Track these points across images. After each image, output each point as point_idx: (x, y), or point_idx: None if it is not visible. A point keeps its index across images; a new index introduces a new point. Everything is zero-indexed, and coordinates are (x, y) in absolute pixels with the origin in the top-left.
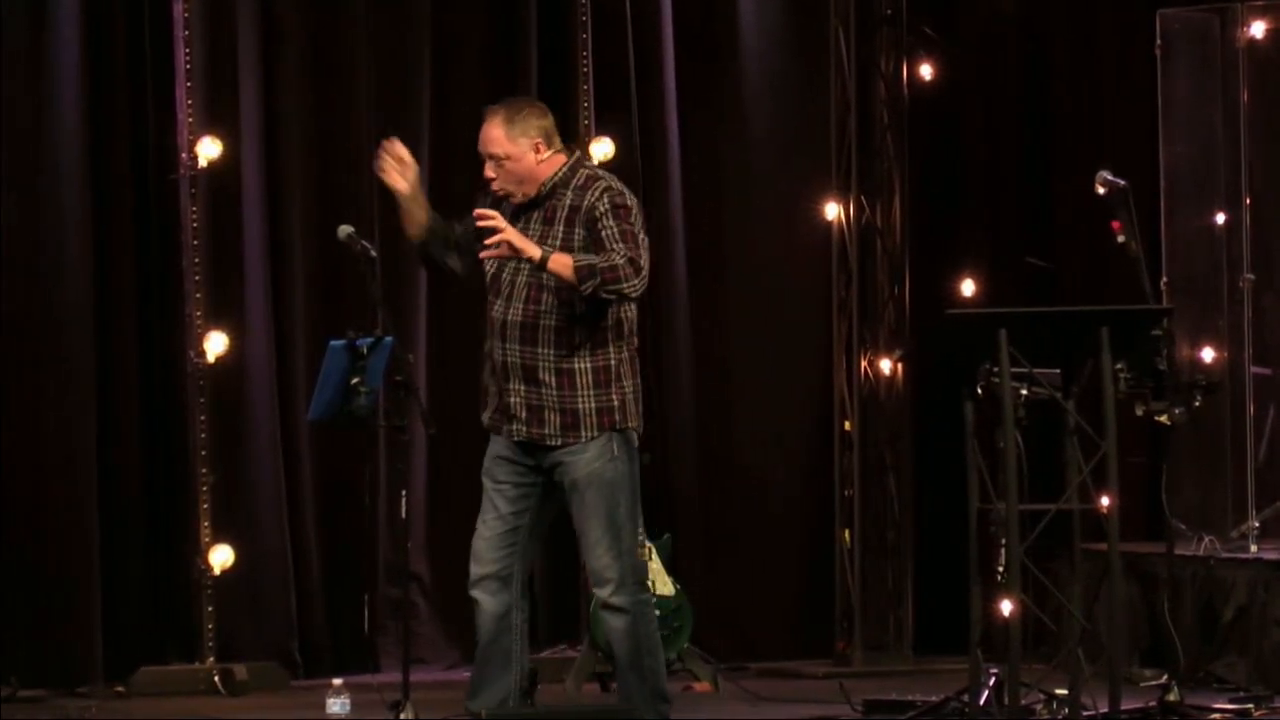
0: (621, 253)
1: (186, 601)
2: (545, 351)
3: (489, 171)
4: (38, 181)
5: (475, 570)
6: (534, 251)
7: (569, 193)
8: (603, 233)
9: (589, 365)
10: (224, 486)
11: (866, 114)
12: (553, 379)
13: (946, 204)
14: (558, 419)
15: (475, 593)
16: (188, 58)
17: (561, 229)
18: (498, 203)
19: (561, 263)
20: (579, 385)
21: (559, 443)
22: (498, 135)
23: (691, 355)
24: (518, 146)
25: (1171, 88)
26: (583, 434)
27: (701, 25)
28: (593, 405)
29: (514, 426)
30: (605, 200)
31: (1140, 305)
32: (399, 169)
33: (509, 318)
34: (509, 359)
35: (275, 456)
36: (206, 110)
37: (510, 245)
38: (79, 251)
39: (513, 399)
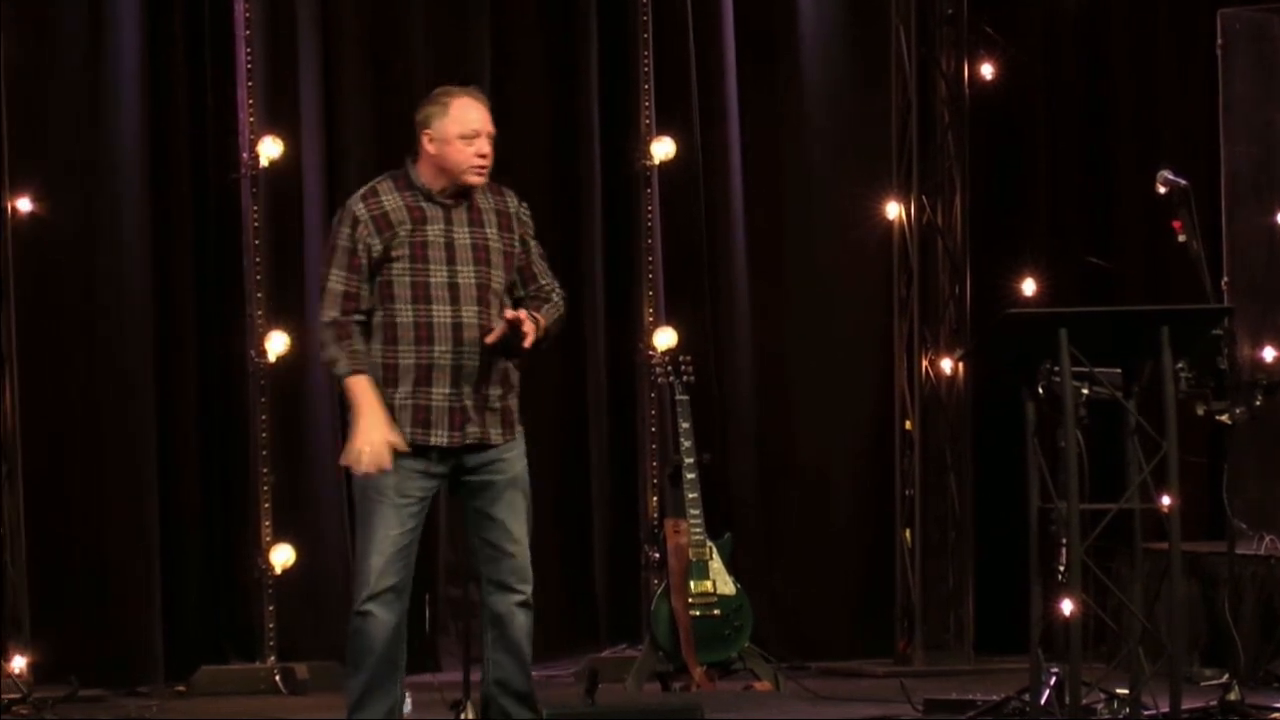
0: (557, 289)
1: (247, 601)
2: (492, 354)
3: (487, 148)
4: (99, 183)
5: (374, 585)
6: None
7: (480, 194)
8: (535, 258)
9: (511, 365)
10: (285, 486)
11: (927, 113)
12: (498, 379)
13: (1007, 203)
14: (499, 418)
15: (372, 606)
16: (249, 57)
17: (497, 233)
18: (430, 198)
19: (544, 324)
20: (510, 384)
21: (500, 441)
22: (490, 116)
23: (751, 355)
24: None
25: (1232, 87)
26: (516, 432)
27: (762, 25)
28: (515, 404)
29: (467, 429)
30: (526, 213)
31: (1201, 305)
32: None
33: (463, 320)
34: (464, 362)
35: (336, 456)
36: (267, 110)
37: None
38: (140, 252)
39: (466, 402)
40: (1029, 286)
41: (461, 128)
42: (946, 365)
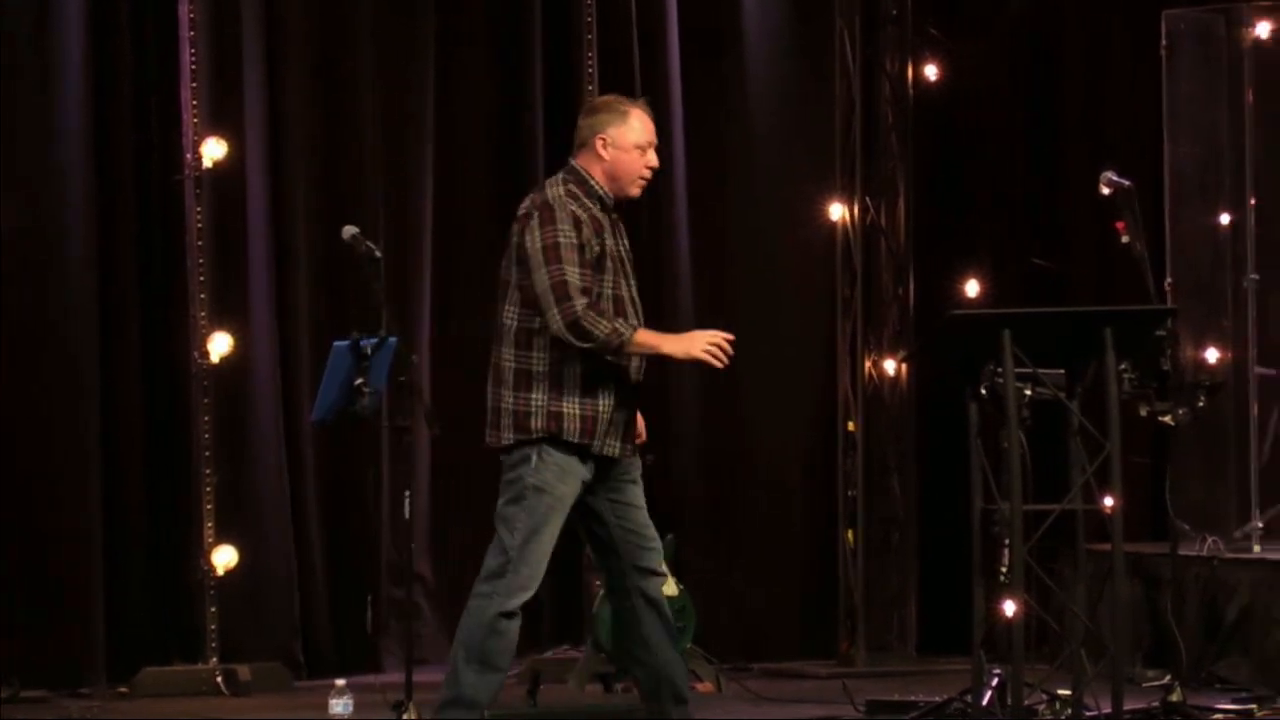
0: None
1: (190, 602)
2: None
3: (656, 161)
4: (42, 182)
5: (530, 590)
6: None
7: None
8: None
9: None
10: (228, 487)
11: (871, 114)
12: None
13: (951, 204)
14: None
15: (519, 608)
16: (193, 58)
17: (626, 242)
18: (604, 207)
19: None
20: None
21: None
22: None
23: None
24: None
25: (1177, 88)
26: None
27: (706, 24)
28: None
29: (634, 438)
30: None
31: (1144, 306)
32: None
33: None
34: (639, 376)
35: (279, 457)
36: (211, 111)
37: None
38: (83, 252)
39: (636, 412)
40: (973, 287)
41: (639, 137)
42: (890, 366)
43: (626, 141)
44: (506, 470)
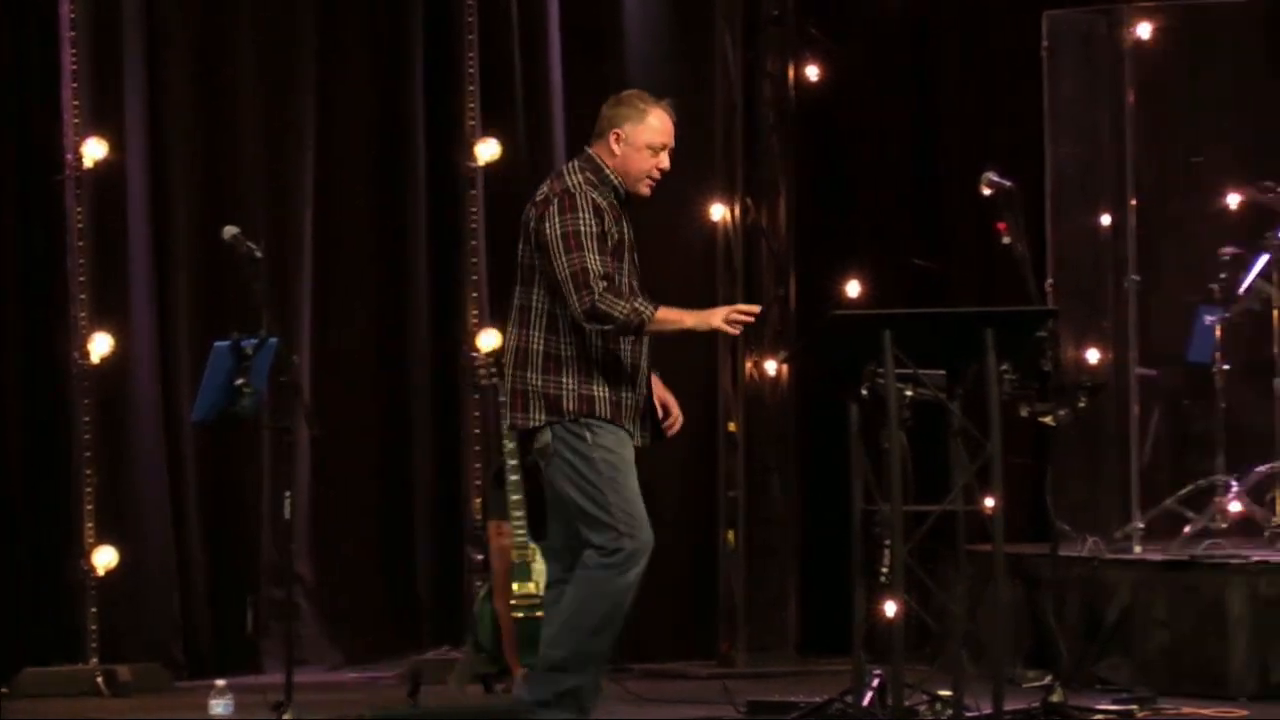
0: None
1: (70, 603)
2: None
3: (667, 164)
4: None
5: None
6: None
7: None
8: None
9: None
10: (108, 488)
11: (753, 115)
12: None
13: (833, 205)
14: None
15: None
16: (74, 58)
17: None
18: (619, 197)
19: None
20: None
21: None
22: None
23: None
24: None
25: (1058, 89)
26: None
27: (588, 25)
28: None
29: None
30: None
31: (1025, 307)
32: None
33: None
34: (642, 363)
35: (159, 457)
36: (92, 111)
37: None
38: None
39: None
40: (854, 288)
41: (652, 138)
42: (771, 366)
43: (639, 140)
44: (543, 451)
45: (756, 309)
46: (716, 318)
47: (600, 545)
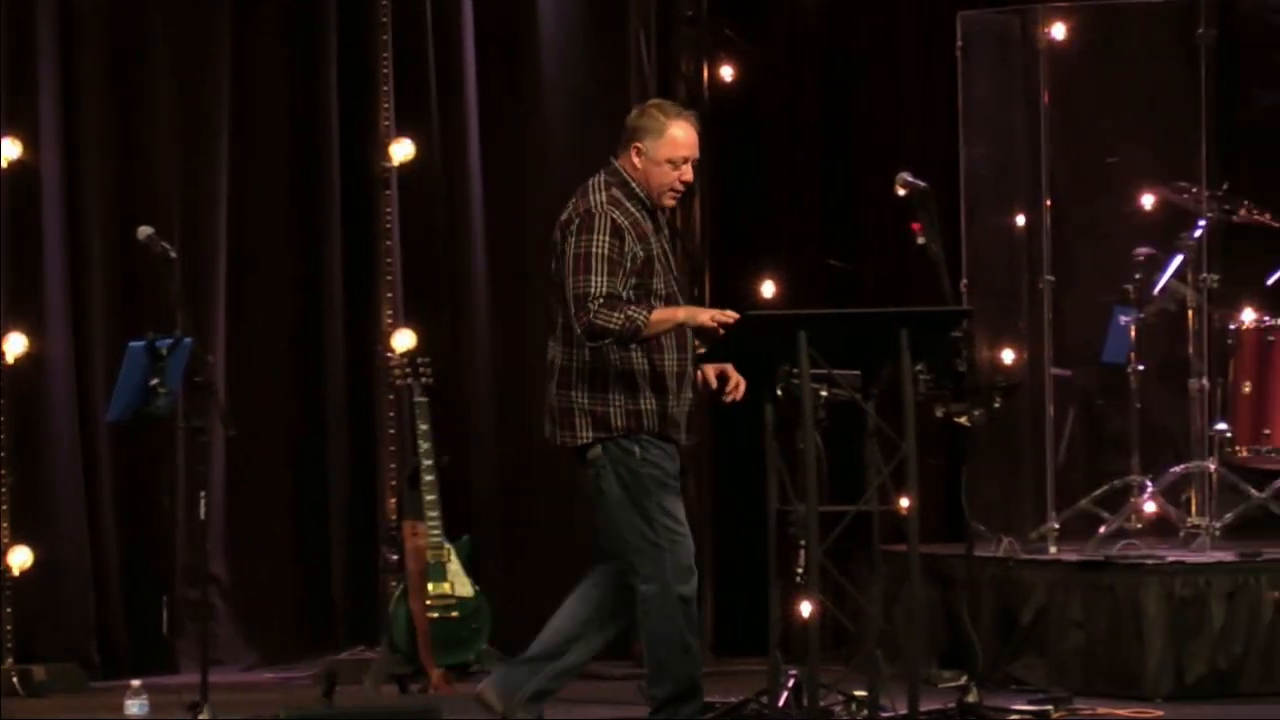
0: None
1: None
2: None
3: (690, 176)
4: None
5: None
6: None
7: None
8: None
9: None
10: (22, 487)
11: None
12: None
13: (747, 206)
14: None
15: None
16: None
17: (670, 240)
18: (647, 209)
19: None
20: None
21: None
22: (698, 140)
23: (491, 357)
24: None
25: (972, 89)
26: None
27: (502, 26)
28: None
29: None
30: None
31: (940, 307)
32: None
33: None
34: (688, 369)
35: (74, 457)
36: (5, 112)
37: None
38: None
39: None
40: (769, 288)
41: (671, 153)
42: None
43: (659, 155)
44: (594, 465)
45: (736, 316)
46: (704, 315)
47: (643, 569)
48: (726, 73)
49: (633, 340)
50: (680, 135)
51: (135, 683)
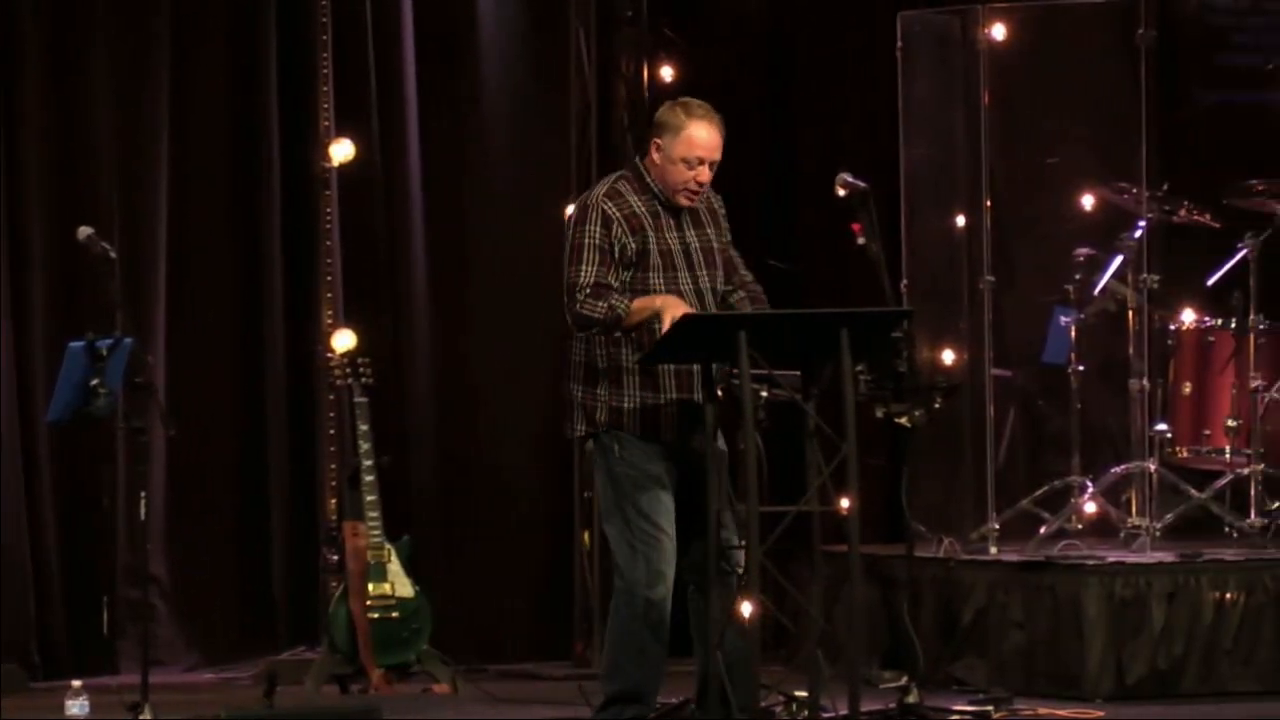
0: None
1: None
2: None
3: (706, 176)
4: None
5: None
6: None
7: None
8: (733, 251)
9: None
10: None
11: (606, 116)
12: None
13: None
14: None
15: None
16: None
17: (713, 233)
18: (663, 203)
19: None
20: None
21: None
22: (721, 141)
23: (431, 357)
24: None
25: (912, 89)
26: None
27: (442, 27)
28: None
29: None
30: (722, 206)
31: (880, 307)
32: None
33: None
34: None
35: (14, 457)
36: None
37: None
38: None
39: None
40: None
41: (687, 152)
42: None
43: (675, 153)
44: (590, 460)
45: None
46: (681, 309)
47: (618, 565)
48: (667, 73)
49: (615, 329)
50: (697, 135)
51: (76, 683)
